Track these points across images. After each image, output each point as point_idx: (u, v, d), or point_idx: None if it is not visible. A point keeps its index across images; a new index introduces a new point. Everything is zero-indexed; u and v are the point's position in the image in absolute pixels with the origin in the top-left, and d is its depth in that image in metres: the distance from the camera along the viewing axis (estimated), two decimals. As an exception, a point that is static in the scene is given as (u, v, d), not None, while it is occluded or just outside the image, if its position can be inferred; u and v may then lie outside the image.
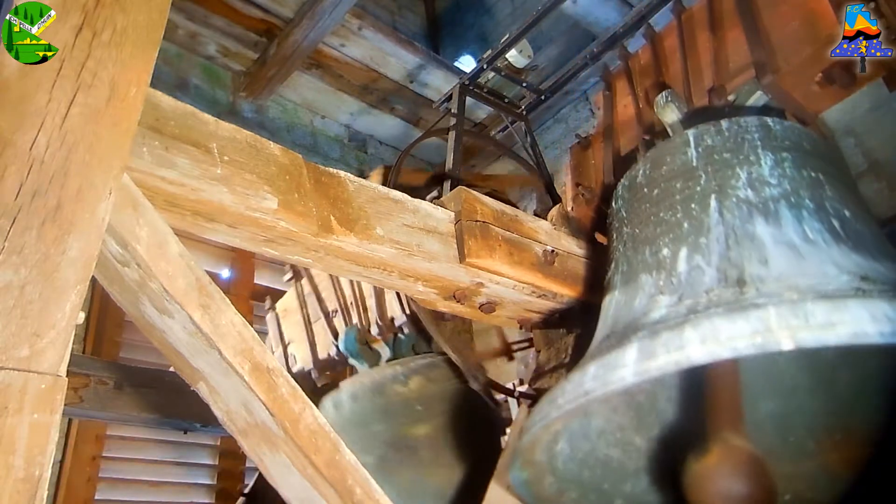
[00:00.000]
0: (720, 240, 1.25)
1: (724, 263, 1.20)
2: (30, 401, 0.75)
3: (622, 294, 1.38)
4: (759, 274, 1.14)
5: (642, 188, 1.50)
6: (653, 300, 1.26)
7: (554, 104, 3.93)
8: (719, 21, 1.68)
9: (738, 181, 1.32)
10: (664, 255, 1.33)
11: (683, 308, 1.16)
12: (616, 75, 2.04)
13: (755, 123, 1.41)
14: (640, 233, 1.44)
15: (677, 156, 1.46)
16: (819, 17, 1.43)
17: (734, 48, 1.61)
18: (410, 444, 1.87)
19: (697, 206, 1.34)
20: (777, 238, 1.19)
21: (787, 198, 1.27)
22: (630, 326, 1.23)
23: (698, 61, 1.70)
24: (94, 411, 2.17)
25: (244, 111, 4.01)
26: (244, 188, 1.13)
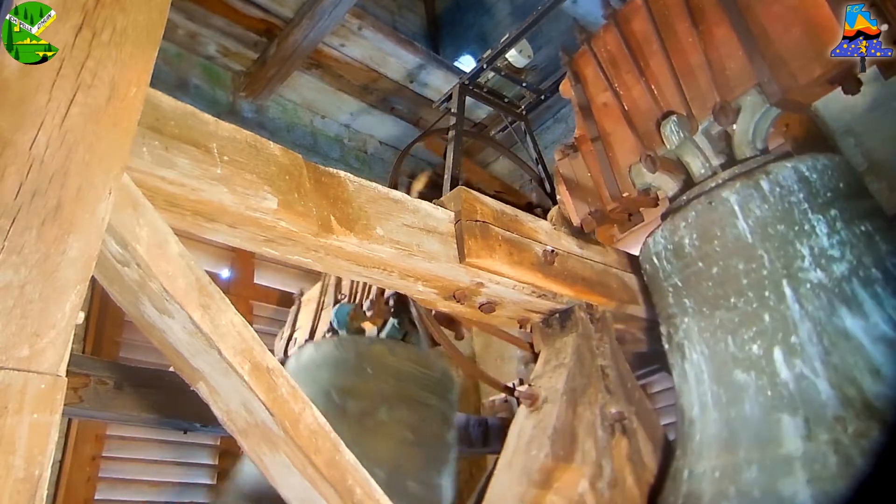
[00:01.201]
0: (813, 339, 1.24)
1: (832, 373, 1.19)
2: (30, 401, 0.75)
3: (717, 385, 1.39)
4: (879, 392, 1.12)
5: (696, 261, 1.50)
6: (773, 417, 1.24)
7: (554, 104, 3.92)
8: (698, 10, 1.59)
9: (803, 261, 1.32)
10: (755, 352, 1.33)
11: (824, 448, 1.13)
12: (582, 61, 1.88)
13: (794, 180, 1.41)
14: (709, 314, 1.45)
15: (727, 228, 1.45)
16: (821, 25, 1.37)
17: (727, 51, 1.53)
18: (344, 397, 1.86)
19: (772, 294, 1.34)
20: (869, 332, 1.19)
21: (857, 273, 1.27)
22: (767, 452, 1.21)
23: (686, 61, 1.61)
24: (94, 411, 2.16)
25: (244, 111, 4.00)
26: (244, 188, 1.13)
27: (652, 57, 1.70)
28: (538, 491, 1.40)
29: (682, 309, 1.55)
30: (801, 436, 1.20)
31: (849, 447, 1.13)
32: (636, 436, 1.60)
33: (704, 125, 1.59)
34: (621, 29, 1.76)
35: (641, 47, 1.72)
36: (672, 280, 1.58)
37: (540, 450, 1.45)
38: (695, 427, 1.46)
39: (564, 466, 1.44)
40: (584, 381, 1.59)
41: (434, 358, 1.97)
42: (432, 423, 1.90)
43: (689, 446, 1.46)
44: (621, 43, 1.76)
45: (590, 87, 1.86)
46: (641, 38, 1.73)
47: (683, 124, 1.58)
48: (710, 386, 1.43)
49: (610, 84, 1.79)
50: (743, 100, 1.53)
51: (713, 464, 1.34)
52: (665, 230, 1.61)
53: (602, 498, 1.44)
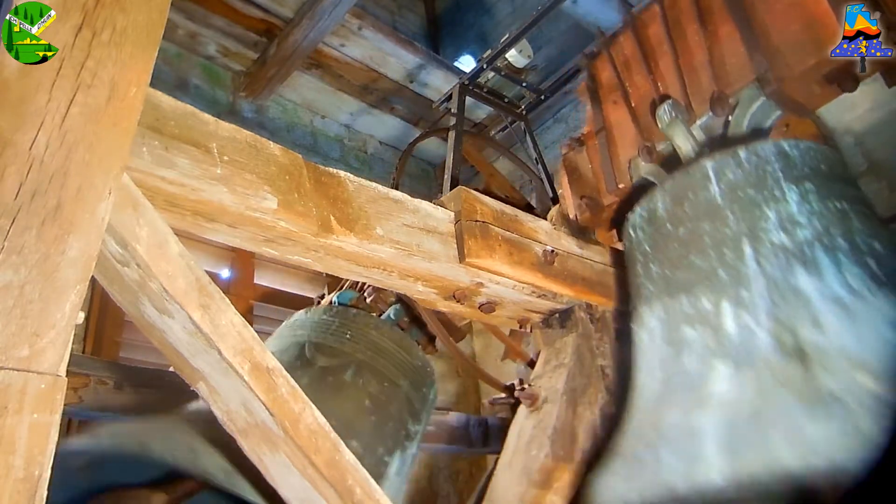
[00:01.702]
0: (763, 294, 1.23)
1: (775, 324, 1.18)
2: (30, 401, 0.75)
3: (666, 344, 1.37)
4: (815, 342, 1.11)
5: (665, 224, 1.49)
6: (707, 364, 1.23)
7: (554, 104, 3.93)
8: (708, 12, 1.63)
9: (768, 222, 1.31)
10: (706, 307, 1.31)
11: (748, 385, 1.13)
12: (599, 65, 1.94)
13: (773, 152, 1.40)
14: (672, 275, 1.43)
15: (700, 192, 1.44)
16: (820, 20, 1.40)
17: (730, 48, 1.56)
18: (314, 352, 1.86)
19: (731, 252, 1.32)
20: (822, 292, 1.18)
21: (821, 239, 1.25)
22: (691, 395, 1.20)
23: (691, 59, 1.65)
24: (94, 411, 2.16)
25: (244, 111, 4.00)
26: (244, 188, 1.13)
27: (662, 58, 1.74)
28: (538, 491, 1.40)
29: (648, 275, 1.52)
30: (727, 377, 1.19)
31: (766, 382, 1.12)
32: (636, 436, 1.60)
33: (703, 120, 1.60)
34: (638, 34, 1.81)
35: (654, 50, 1.77)
36: (643, 247, 1.55)
37: (540, 450, 1.45)
38: (636, 391, 1.42)
39: (564, 466, 1.44)
40: (584, 381, 1.59)
41: (417, 349, 1.96)
42: (396, 403, 1.89)
43: (628, 412, 1.42)
44: (636, 47, 1.80)
45: (603, 87, 1.91)
46: (655, 42, 1.77)
47: (677, 107, 1.59)
48: (660, 347, 1.39)
49: (621, 83, 1.83)
50: (741, 93, 1.54)
51: (643, 418, 1.31)
52: (643, 202, 1.61)
53: (602, 498, 1.44)
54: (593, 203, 1.79)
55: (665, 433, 1.16)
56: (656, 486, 1.11)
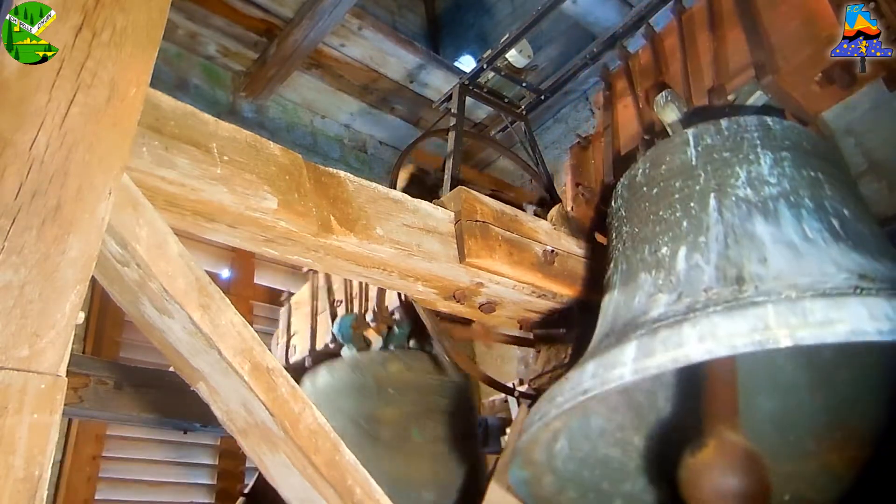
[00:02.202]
0: (719, 238, 1.25)
1: (723, 262, 1.20)
2: (30, 401, 0.75)
3: (621, 293, 1.38)
4: (757, 272, 1.14)
5: (642, 187, 1.50)
6: (652, 299, 1.26)
7: (554, 104, 3.93)
8: (719, 21, 1.69)
9: (737, 180, 1.32)
10: (663, 253, 1.33)
11: (682, 306, 1.16)
12: (616, 75, 2.03)
13: (755, 123, 1.41)
14: (639, 231, 1.44)
15: (677, 155, 1.45)
16: (819, 17, 1.43)
17: (734, 48, 1.61)
18: (374, 425, 1.86)
19: (697, 204, 1.34)
20: (776, 237, 1.20)
21: (787, 197, 1.27)
22: (629, 325, 1.23)
23: (698, 61, 1.69)
24: (94, 411, 2.16)
25: (244, 111, 4.00)
26: (244, 188, 1.13)
27: (673, 64, 1.80)
28: (538, 491, 1.40)
29: (620, 238, 1.52)
30: (664, 304, 1.21)
31: (698, 302, 1.14)
32: (636, 436, 1.60)
33: None
34: (655, 47, 1.88)
35: (667, 58, 1.84)
36: (620, 212, 1.56)
37: (540, 450, 1.45)
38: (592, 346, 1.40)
39: (564, 466, 1.44)
40: (583, 381, 1.59)
41: (448, 365, 1.96)
42: (460, 429, 1.89)
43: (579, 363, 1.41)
44: (652, 58, 1.88)
45: (617, 94, 1.98)
46: (669, 52, 1.84)
47: (674, 95, 1.60)
48: (616, 299, 1.39)
49: (632, 89, 1.90)
50: (740, 89, 1.56)
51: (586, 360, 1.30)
52: (627, 171, 1.62)
53: (602, 498, 1.44)
54: (589, 191, 1.81)
55: (595, 355, 1.18)
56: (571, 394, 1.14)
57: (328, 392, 1.98)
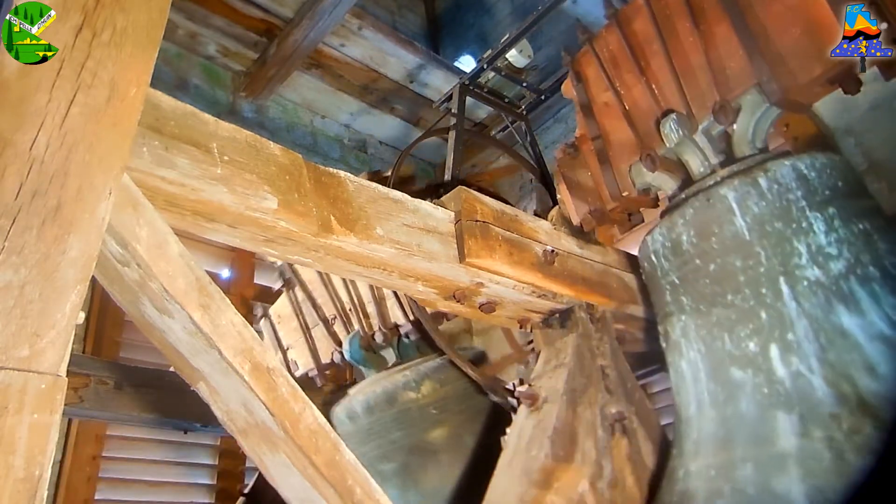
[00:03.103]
0: (809, 337, 1.24)
1: (828, 371, 1.18)
2: (30, 401, 0.75)
3: (714, 383, 1.38)
4: (874, 390, 1.12)
5: (693, 258, 1.50)
6: (768, 413, 1.23)
7: (554, 104, 3.92)
8: (699, 9, 1.59)
9: (801, 258, 1.31)
10: (752, 349, 1.32)
11: (821, 445, 1.13)
12: (584, 61, 1.88)
13: (793, 177, 1.40)
14: (706, 311, 1.44)
15: (725, 226, 1.44)
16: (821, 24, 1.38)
17: (727, 50, 1.53)
18: (431, 448, 1.89)
19: (768, 291, 1.33)
20: (866, 330, 1.19)
21: (854, 271, 1.26)
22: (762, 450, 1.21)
23: (687, 61, 1.62)
24: (94, 411, 2.17)
25: (244, 111, 4.00)
26: (244, 188, 1.13)
27: (653, 57, 1.70)
28: (538, 491, 1.40)
29: (679, 307, 1.55)
30: (796, 433, 1.20)
31: (843, 443, 1.13)
32: (636, 436, 1.60)
33: (704, 125, 1.59)
34: (623, 29, 1.77)
35: (643, 47, 1.73)
36: (669, 277, 1.57)
37: (540, 450, 1.45)
38: (691, 425, 1.45)
39: (564, 466, 1.44)
40: (584, 381, 1.59)
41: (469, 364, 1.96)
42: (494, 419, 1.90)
43: (685, 445, 1.45)
44: (623, 43, 1.76)
45: (591, 86, 1.86)
46: (643, 38, 1.73)
47: (683, 122, 1.58)
48: (706, 384, 1.42)
49: (611, 84, 1.80)
50: (743, 99, 1.53)
51: (709, 462, 1.33)
52: (663, 228, 1.61)
53: (602, 498, 1.44)
54: (600, 214, 1.78)
55: (746, 492, 1.18)
56: None
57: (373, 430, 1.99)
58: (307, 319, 2.32)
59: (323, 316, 2.24)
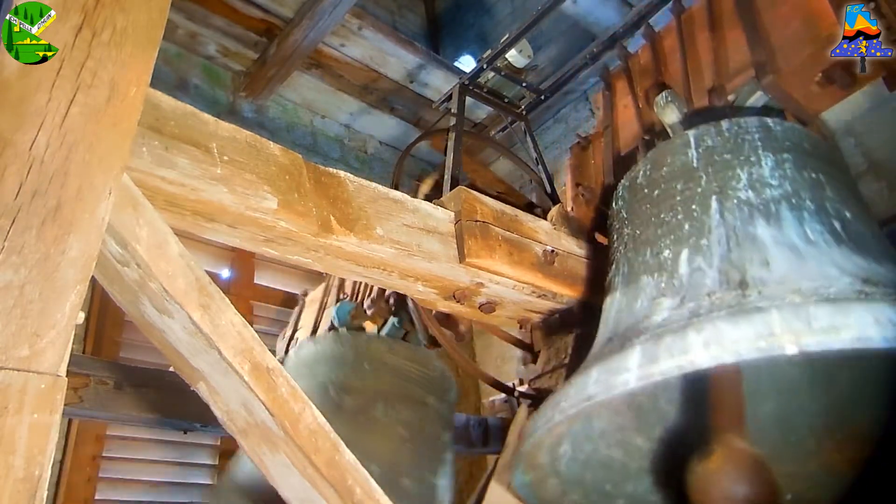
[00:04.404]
0: (721, 241, 1.25)
1: (726, 265, 1.20)
2: (30, 401, 0.75)
3: (623, 296, 1.38)
4: (760, 276, 1.14)
5: (643, 189, 1.50)
6: (655, 302, 1.25)
7: (554, 104, 3.93)
8: (719, 21, 1.69)
9: (738, 182, 1.32)
10: (665, 256, 1.33)
11: (686, 311, 1.16)
12: (616, 75, 2.03)
13: (755, 124, 1.41)
14: (640, 234, 1.44)
15: (678, 156, 1.45)
16: (819, 17, 1.44)
17: (734, 48, 1.61)
18: (341, 393, 1.86)
19: (698, 207, 1.34)
20: (778, 239, 1.19)
21: (788, 199, 1.27)
22: (632, 329, 1.23)
23: (698, 61, 1.70)
24: (94, 411, 2.16)
25: (244, 111, 4.00)
26: (244, 188, 1.13)
27: (672, 64, 1.80)
28: (538, 491, 1.40)
29: (621, 240, 1.52)
30: (667, 308, 1.21)
31: (702, 307, 1.14)
32: (636, 436, 1.60)
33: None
34: (654, 48, 1.88)
35: (667, 58, 1.84)
36: (621, 214, 1.56)
37: (540, 450, 1.45)
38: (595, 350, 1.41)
39: (565, 466, 1.44)
40: (584, 382, 1.59)
41: (432, 358, 1.97)
42: (429, 423, 1.90)
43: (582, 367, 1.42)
44: (652, 58, 1.88)
45: (617, 94, 1.99)
46: (668, 52, 1.85)
47: (674, 95, 1.61)
48: (617, 302, 1.40)
49: (632, 89, 1.90)
50: (741, 89, 1.56)
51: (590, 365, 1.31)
52: (627, 173, 1.62)
53: (602, 498, 1.44)
54: (589, 192, 1.81)
55: (599, 360, 1.18)
56: (577, 400, 1.14)
57: (307, 360, 1.99)
58: (328, 300, 2.34)
59: (340, 296, 2.26)
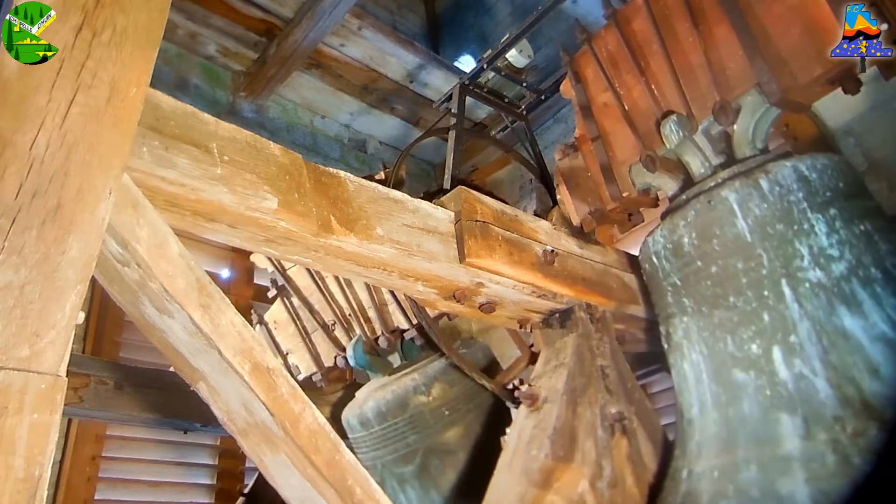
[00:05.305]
0: (812, 339, 1.23)
1: (831, 373, 1.18)
2: (30, 401, 0.75)
3: (717, 385, 1.38)
4: (878, 391, 1.12)
5: (695, 260, 1.50)
6: (773, 418, 1.24)
7: (554, 104, 3.91)
8: (699, 10, 1.59)
9: (802, 260, 1.31)
10: (754, 352, 1.32)
11: (824, 448, 1.13)
12: (583, 62, 1.87)
13: (794, 178, 1.40)
14: (708, 313, 1.44)
15: (727, 228, 1.44)
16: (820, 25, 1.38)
17: (727, 50, 1.53)
18: (446, 448, 1.91)
19: (770, 293, 1.33)
20: (868, 332, 1.19)
21: (856, 273, 1.26)
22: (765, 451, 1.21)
23: (686, 61, 1.61)
24: (94, 411, 2.16)
25: (244, 111, 4.00)
26: (244, 188, 1.13)
27: (652, 57, 1.70)
28: (538, 491, 1.40)
29: (681, 308, 1.55)
30: (800, 435, 1.20)
31: (847, 446, 1.13)
32: (636, 436, 1.60)
33: (704, 125, 1.59)
34: (622, 29, 1.76)
35: (642, 47, 1.72)
36: (671, 279, 1.57)
37: (540, 450, 1.45)
38: (694, 427, 1.45)
39: (564, 466, 1.44)
40: (584, 381, 1.59)
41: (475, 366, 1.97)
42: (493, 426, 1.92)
43: (688, 446, 1.46)
44: (622, 43, 1.75)
45: (590, 87, 1.86)
46: (642, 39, 1.72)
47: (683, 123, 1.58)
48: (708, 385, 1.42)
49: (610, 84, 1.79)
50: (743, 100, 1.52)
51: (712, 463, 1.33)
52: (664, 229, 1.61)
53: (602, 498, 1.44)
54: (600, 214, 1.78)
55: (749, 494, 1.17)
56: None
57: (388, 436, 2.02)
58: (306, 325, 2.32)
59: (322, 321, 2.24)
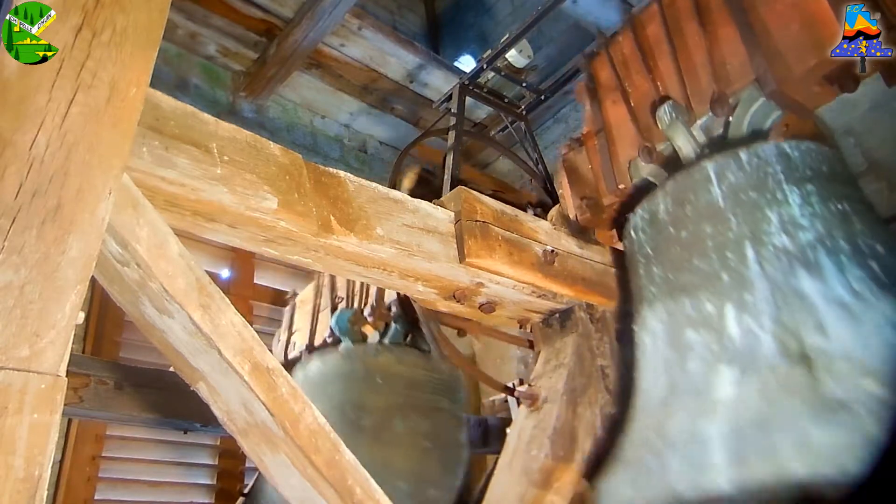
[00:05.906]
0: (767, 298, 1.22)
1: (779, 329, 1.17)
2: (30, 401, 0.75)
3: (670, 348, 1.36)
4: (820, 347, 1.11)
5: (667, 227, 1.48)
6: (712, 369, 1.23)
7: (554, 104, 3.93)
8: (706, 12, 1.62)
9: (770, 225, 1.30)
10: (709, 310, 1.31)
11: (753, 389, 1.13)
12: (598, 64, 1.93)
13: (774, 153, 1.39)
14: (674, 279, 1.43)
15: (701, 194, 1.43)
16: (819, 20, 1.40)
17: (729, 48, 1.55)
18: (358, 412, 1.87)
19: (733, 254, 1.31)
20: (825, 295, 1.17)
21: (823, 242, 1.25)
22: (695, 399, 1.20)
23: (691, 60, 1.64)
24: (94, 411, 2.16)
25: (244, 111, 4.00)
26: (244, 188, 1.13)
27: (661, 58, 1.73)
28: (538, 491, 1.40)
29: (650, 278, 1.52)
30: (731, 382, 1.19)
31: (771, 388, 1.12)
32: (636, 436, 1.60)
33: (703, 120, 1.60)
34: (636, 33, 1.80)
35: (653, 49, 1.76)
36: (644, 249, 1.55)
37: (540, 450, 1.45)
38: (642, 396, 1.42)
39: (564, 466, 1.44)
40: (584, 381, 1.59)
41: (439, 359, 1.97)
42: (446, 427, 1.90)
43: (631, 413, 1.42)
44: (635, 46, 1.79)
45: (602, 87, 1.90)
46: (654, 41, 1.77)
47: (677, 108, 1.59)
48: (663, 351, 1.39)
49: (620, 83, 1.83)
50: (741, 94, 1.54)
51: (648, 422, 1.30)
52: (645, 203, 1.60)
53: (602, 498, 1.44)
54: (593, 204, 1.78)
55: (671, 439, 1.16)
56: (663, 493, 1.11)
57: (317, 379, 2.00)
58: (321, 302, 2.34)
59: (334, 298, 2.26)
